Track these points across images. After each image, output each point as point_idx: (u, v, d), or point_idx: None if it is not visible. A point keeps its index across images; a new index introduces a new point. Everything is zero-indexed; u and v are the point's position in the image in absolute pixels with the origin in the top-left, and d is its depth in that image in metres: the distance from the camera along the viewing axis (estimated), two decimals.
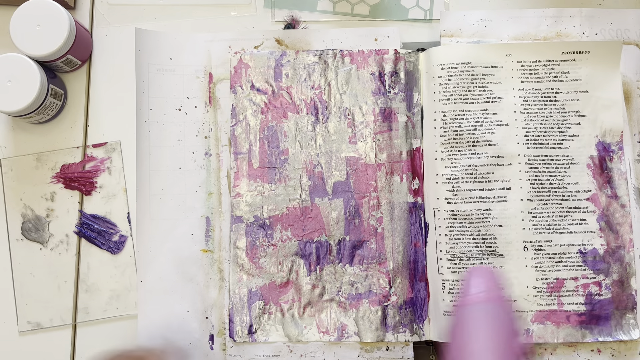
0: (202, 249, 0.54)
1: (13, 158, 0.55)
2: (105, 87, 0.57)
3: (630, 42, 0.55)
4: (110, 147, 0.56)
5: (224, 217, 0.54)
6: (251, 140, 0.55)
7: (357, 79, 0.55)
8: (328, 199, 0.54)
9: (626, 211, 0.52)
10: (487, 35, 0.55)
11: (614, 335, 0.51)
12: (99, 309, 0.53)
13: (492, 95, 0.54)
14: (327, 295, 0.53)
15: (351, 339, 0.52)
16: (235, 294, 0.53)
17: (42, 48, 0.52)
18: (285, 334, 0.52)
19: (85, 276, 0.54)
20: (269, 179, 0.54)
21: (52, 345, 0.53)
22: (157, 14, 0.58)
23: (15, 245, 0.54)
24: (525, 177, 0.53)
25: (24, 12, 0.52)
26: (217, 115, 0.55)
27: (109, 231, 0.54)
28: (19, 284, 0.54)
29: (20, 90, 0.51)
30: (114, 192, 0.55)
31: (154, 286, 0.53)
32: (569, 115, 0.53)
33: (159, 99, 0.55)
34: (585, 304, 0.51)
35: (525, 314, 0.51)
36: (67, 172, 0.55)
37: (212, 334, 0.53)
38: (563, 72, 0.54)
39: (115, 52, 0.57)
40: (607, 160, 0.53)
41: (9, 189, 0.55)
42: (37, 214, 0.55)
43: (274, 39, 0.56)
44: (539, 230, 0.52)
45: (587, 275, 0.51)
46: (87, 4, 0.58)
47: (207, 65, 0.56)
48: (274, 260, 0.53)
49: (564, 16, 0.55)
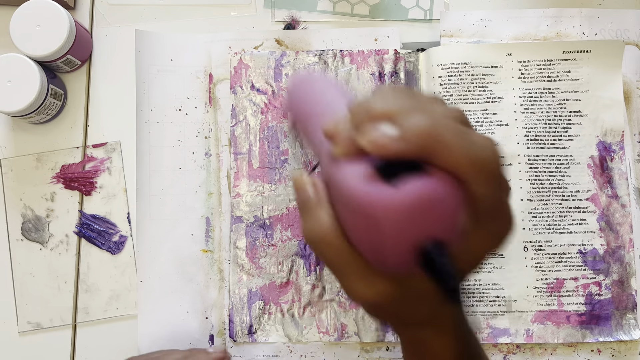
0: (202, 249, 0.54)
1: (13, 158, 0.55)
2: (105, 88, 0.57)
3: (630, 43, 0.55)
4: (110, 148, 0.56)
5: (224, 217, 0.54)
6: (251, 141, 0.55)
7: (357, 79, 0.55)
8: None
9: (626, 211, 0.52)
10: (487, 35, 0.55)
11: (614, 335, 0.51)
12: (99, 309, 0.53)
13: (492, 95, 0.53)
14: (327, 295, 0.52)
15: (351, 339, 0.52)
16: (235, 294, 0.53)
17: (42, 48, 0.52)
18: (285, 334, 0.52)
19: (85, 276, 0.54)
20: (269, 179, 0.54)
21: (52, 345, 0.53)
22: (157, 14, 0.58)
23: (15, 246, 0.54)
24: (525, 177, 0.52)
25: (23, 12, 0.52)
26: (217, 116, 0.55)
27: (109, 231, 0.54)
28: (19, 284, 0.54)
29: (20, 90, 0.51)
30: (114, 193, 0.55)
31: (154, 286, 0.53)
32: (569, 115, 0.53)
33: (159, 99, 0.55)
34: (586, 304, 0.51)
35: (526, 314, 0.51)
36: (67, 173, 0.55)
37: (212, 334, 0.52)
38: (564, 72, 0.54)
39: (115, 53, 0.57)
40: (608, 160, 0.53)
41: (9, 189, 0.55)
42: (37, 214, 0.55)
43: (274, 39, 0.56)
44: (539, 231, 0.52)
45: (587, 276, 0.51)
46: (87, 4, 0.58)
47: (207, 65, 0.56)
48: (274, 260, 0.53)
49: (563, 16, 0.55)
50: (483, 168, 0.26)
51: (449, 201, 0.26)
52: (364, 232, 0.27)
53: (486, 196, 0.26)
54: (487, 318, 0.51)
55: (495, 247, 0.29)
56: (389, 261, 0.27)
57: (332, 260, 0.29)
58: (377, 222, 0.25)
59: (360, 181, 0.26)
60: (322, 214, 0.29)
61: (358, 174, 0.27)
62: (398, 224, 0.25)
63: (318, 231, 0.29)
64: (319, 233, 0.29)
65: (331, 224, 0.29)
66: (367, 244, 0.27)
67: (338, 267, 0.29)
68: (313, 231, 0.29)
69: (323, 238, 0.28)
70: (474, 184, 0.26)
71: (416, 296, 0.30)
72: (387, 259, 0.27)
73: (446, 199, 0.25)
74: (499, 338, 0.51)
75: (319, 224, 0.29)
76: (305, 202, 0.30)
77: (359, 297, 0.29)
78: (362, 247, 0.28)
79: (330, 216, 0.29)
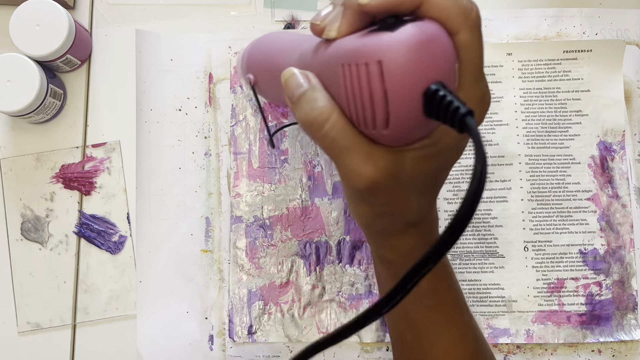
0: (202, 249, 0.54)
1: (12, 158, 0.55)
2: (105, 87, 0.57)
3: (630, 42, 0.55)
4: (109, 147, 0.56)
5: (223, 217, 0.54)
6: (251, 140, 0.55)
7: None
8: (328, 199, 0.53)
9: (627, 211, 0.52)
10: (487, 35, 0.55)
11: (615, 335, 0.50)
12: (98, 309, 0.53)
13: (493, 95, 0.53)
14: (327, 295, 0.52)
15: (351, 339, 0.51)
16: (235, 295, 0.53)
17: (42, 48, 0.51)
18: (285, 335, 0.52)
19: (85, 276, 0.54)
20: (268, 179, 0.54)
21: (52, 345, 0.53)
22: (157, 14, 0.58)
23: (15, 246, 0.54)
24: (525, 177, 0.52)
25: (23, 12, 0.52)
26: (217, 116, 0.55)
27: (109, 231, 0.54)
28: (18, 284, 0.54)
29: (20, 90, 0.51)
30: (113, 192, 0.55)
31: (154, 286, 0.53)
32: (570, 115, 0.53)
33: (159, 99, 0.55)
34: (586, 304, 0.51)
35: (526, 315, 0.51)
36: (66, 172, 0.55)
37: (211, 335, 0.52)
38: (564, 71, 0.54)
39: (115, 52, 0.57)
40: (609, 160, 0.53)
41: (8, 189, 0.55)
42: (37, 214, 0.55)
43: None
44: (539, 231, 0.52)
45: (587, 276, 0.51)
46: (86, 3, 0.58)
47: (207, 65, 0.56)
48: (274, 260, 0.53)
49: (564, 16, 0.55)
50: (469, 16, 0.27)
51: (445, 41, 0.27)
52: (367, 91, 0.27)
53: (472, 44, 0.28)
54: (488, 318, 0.51)
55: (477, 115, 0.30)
56: (396, 114, 0.27)
57: (332, 139, 0.29)
58: (382, 69, 0.26)
59: (361, 37, 0.27)
60: (319, 96, 0.30)
61: (356, 36, 0.28)
62: (403, 66, 0.26)
63: (317, 112, 0.29)
64: (318, 113, 0.29)
65: (330, 102, 0.29)
66: (370, 107, 0.27)
67: (338, 145, 0.29)
68: (312, 113, 0.29)
69: (322, 117, 0.29)
70: (461, 31, 0.27)
71: (411, 180, 0.30)
72: (394, 112, 0.27)
73: (442, 38, 0.27)
74: (499, 338, 0.51)
75: (317, 105, 0.29)
76: (298, 89, 0.31)
77: (358, 175, 0.29)
78: (365, 114, 0.28)
79: (327, 96, 0.30)
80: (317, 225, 0.53)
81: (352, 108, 0.28)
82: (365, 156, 0.29)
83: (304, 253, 0.53)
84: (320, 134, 0.29)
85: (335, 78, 0.29)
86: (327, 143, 0.29)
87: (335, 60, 0.29)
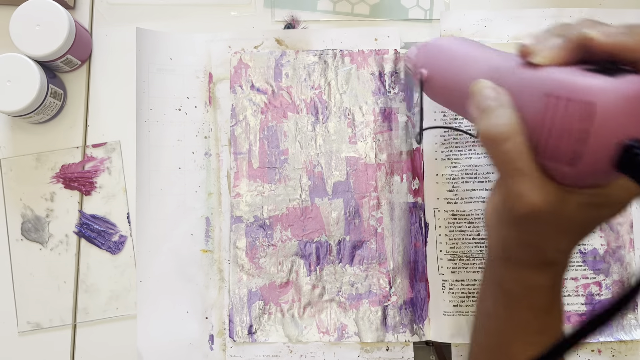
0: (202, 249, 0.54)
1: (13, 158, 0.55)
2: (105, 87, 0.57)
3: None
4: (110, 147, 0.56)
5: (223, 217, 0.54)
6: (251, 140, 0.55)
7: (357, 78, 0.55)
8: (328, 199, 0.53)
9: (627, 211, 0.52)
10: (487, 35, 0.55)
11: (614, 335, 0.50)
12: (98, 309, 0.53)
13: None
14: (327, 295, 0.52)
15: (351, 339, 0.52)
16: (235, 294, 0.53)
17: (42, 48, 0.51)
18: (285, 334, 0.52)
19: (85, 276, 0.54)
20: (268, 179, 0.54)
21: (52, 345, 0.53)
22: (157, 14, 0.58)
23: (15, 246, 0.54)
24: None
25: (23, 12, 0.52)
26: (217, 115, 0.55)
27: (109, 231, 0.54)
28: (18, 284, 0.54)
29: (20, 90, 0.51)
30: (113, 192, 0.55)
31: (154, 286, 0.53)
32: None
33: (159, 99, 0.55)
34: (586, 304, 0.51)
35: None
36: (66, 172, 0.55)
37: (211, 334, 0.52)
38: None
39: (115, 52, 0.57)
40: None
41: (8, 189, 0.55)
42: (37, 214, 0.55)
43: (273, 39, 0.56)
44: None
45: (587, 275, 0.51)
46: (86, 3, 0.58)
47: (207, 65, 0.56)
48: (274, 260, 0.53)
49: (564, 16, 0.55)
50: None
51: None
52: (569, 126, 0.27)
53: None
54: None
55: None
56: (588, 156, 0.27)
57: (510, 158, 0.29)
58: (594, 110, 0.26)
59: (576, 73, 0.27)
60: (505, 112, 0.30)
61: (569, 70, 0.28)
62: (611, 113, 0.26)
63: (503, 128, 0.29)
64: (504, 130, 0.29)
65: (515, 121, 0.30)
66: (565, 142, 0.27)
67: (513, 166, 0.29)
68: (497, 128, 0.30)
69: (504, 133, 0.29)
70: None
71: (568, 221, 0.30)
72: (587, 154, 0.27)
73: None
74: None
75: (502, 121, 0.30)
76: (485, 102, 0.31)
77: (524, 199, 0.29)
78: (555, 147, 0.28)
79: (514, 115, 0.30)
80: (317, 225, 0.53)
81: (542, 136, 0.28)
82: (537, 184, 0.29)
83: (304, 253, 0.53)
84: (499, 149, 0.30)
85: (532, 102, 0.29)
86: (503, 160, 0.30)
87: (539, 87, 0.29)
